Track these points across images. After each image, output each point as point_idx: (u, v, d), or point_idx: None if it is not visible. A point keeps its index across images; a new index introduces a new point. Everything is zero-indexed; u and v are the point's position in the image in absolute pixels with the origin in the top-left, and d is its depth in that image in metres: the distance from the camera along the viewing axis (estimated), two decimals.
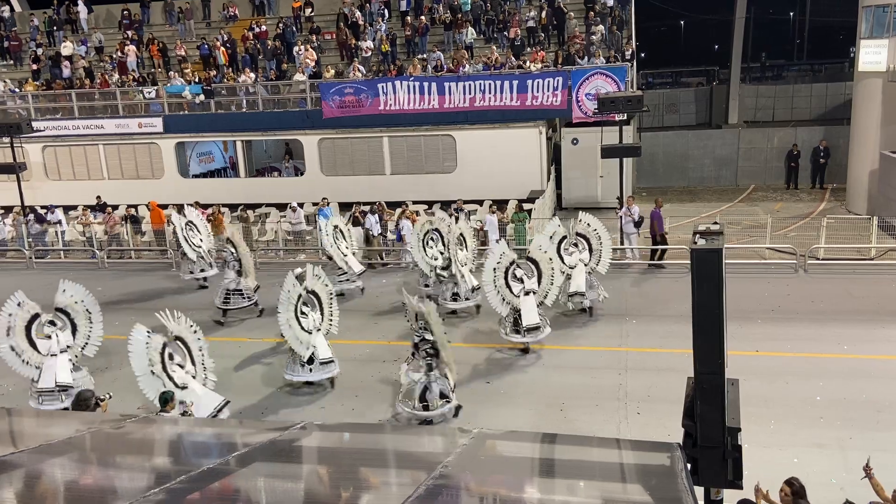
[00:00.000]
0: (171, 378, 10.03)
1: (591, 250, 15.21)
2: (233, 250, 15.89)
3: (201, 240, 17.85)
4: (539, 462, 4.94)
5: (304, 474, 4.68)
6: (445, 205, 21.14)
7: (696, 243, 5.15)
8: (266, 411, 11.90)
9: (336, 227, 17.10)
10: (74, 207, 24.39)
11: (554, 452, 5.15)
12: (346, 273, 16.94)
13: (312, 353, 12.04)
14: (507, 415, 11.19)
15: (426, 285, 16.45)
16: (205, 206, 22.23)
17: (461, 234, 15.86)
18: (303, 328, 11.93)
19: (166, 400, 9.26)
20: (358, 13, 27.83)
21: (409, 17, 27.28)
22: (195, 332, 10.81)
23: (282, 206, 23.26)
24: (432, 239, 16.09)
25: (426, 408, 10.68)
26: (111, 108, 26.73)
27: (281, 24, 28.26)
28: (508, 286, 13.34)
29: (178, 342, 10.54)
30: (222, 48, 27.72)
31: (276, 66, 26.91)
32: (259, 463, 4.58)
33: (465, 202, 21.34)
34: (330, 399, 12.18)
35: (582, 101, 22.87)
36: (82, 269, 20.87)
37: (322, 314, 12.41)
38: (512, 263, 13.41)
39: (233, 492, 4.15)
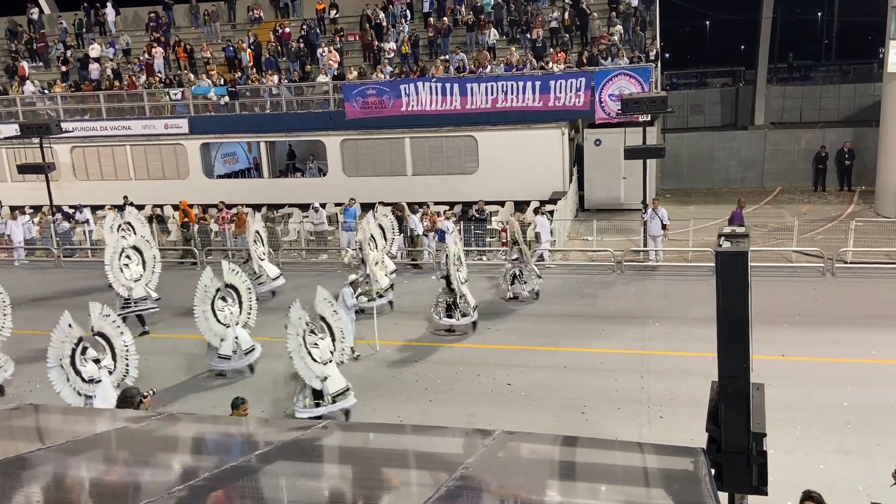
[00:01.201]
0: (77, 373, 10.34)
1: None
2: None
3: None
4: (560, 465, 4.91)
5: (326, 473, 4.70)
6: (467, 205, 21.16)
7: (721, 246, 5.09)
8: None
9: (256, 231, 17.69)
10: (102, 207, 24.76)
11: (575, 455, 5.12)
12: (260, 276, 17.41)
13: (234, 344, 13.00)
14: (527, 416, 11.15)
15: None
16: (229, 207, 22.46)
17: (372, 235, 16.54)
18: (219, 321, 12.84)
19: (237, 405, 9.28)
20: (381, 15, 27.94)
21: (431, 19, 27.33)
22: (118, 327, 11.16)
23: (304, 207, 23.43)
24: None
25: (318, 405, 11.05)
26: (138, 109, 27.10)
27: (305, 26, 28.46)
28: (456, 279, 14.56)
29: (99, 337, 10.92)
30: (248, 50, 27.97)
31: (300, 67, 27.10)
32: (282, 461, 4.61)
33: (487, 203, 21.32)
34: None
35: (605, 102, 22.72)
36: None
37: (241, 307, 13.27)
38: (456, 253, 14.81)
39: (255, 490, 4.18)
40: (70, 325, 10.35)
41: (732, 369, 5.17)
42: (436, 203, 22.74)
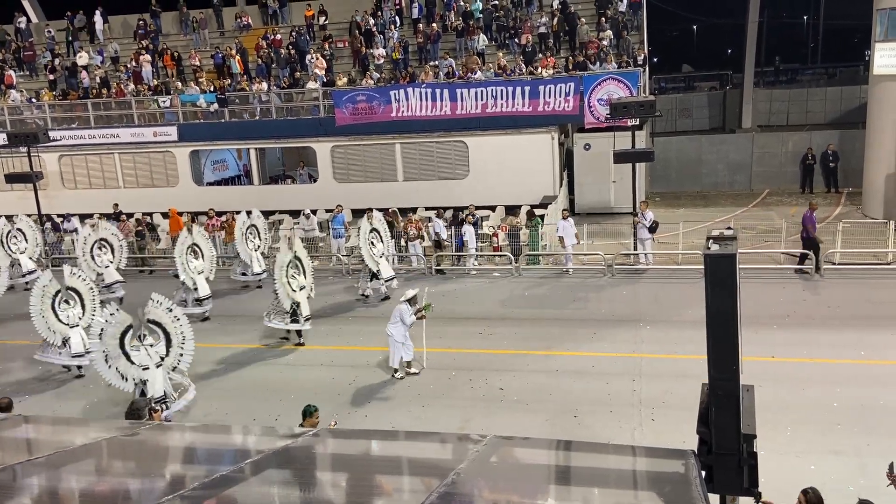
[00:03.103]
0: None
1: (383, 241, 17.37)
2: None
3: (26, 248, 19.81)
4: (553, 469, 4.91)
5: (317, 481, 4.68)
6: (458, 210, 21.16)
7: (709, 248, 5.11)
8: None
9: (101, 238, 18.42)
10: (90, 216, 24.59)
11: (568, 459, 5.12)
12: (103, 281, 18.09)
13: (66, 341, 13.62)
14: (520, 420, 11.16)
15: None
16: (219, 214, 22.37)
17: (195, 244, 17.11)
18: (59, 320, 13.59)
19: (309, 413, 8.92)
20: (371, 21, 27.96)
21: (420, 25, 27.37)
22: None
23: (295, 213, 23.37)
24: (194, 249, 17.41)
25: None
26: (126, 117, 26.99)
27: (294, 33, 28.44)
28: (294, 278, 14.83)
29: None
30: (237, 57, 27.92)
31: (290, 74, 27.07)
32: (272, 470, 4.59)
33: (478, 208, 21.33)
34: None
35: (594, 107, 22.81)
36: None
37: (84, 309, 13.83)
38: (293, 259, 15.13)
39: (246, 499, 4.16)
40: None
41: (722, 371, 5.19)
42: (427, 209, 22.74)
